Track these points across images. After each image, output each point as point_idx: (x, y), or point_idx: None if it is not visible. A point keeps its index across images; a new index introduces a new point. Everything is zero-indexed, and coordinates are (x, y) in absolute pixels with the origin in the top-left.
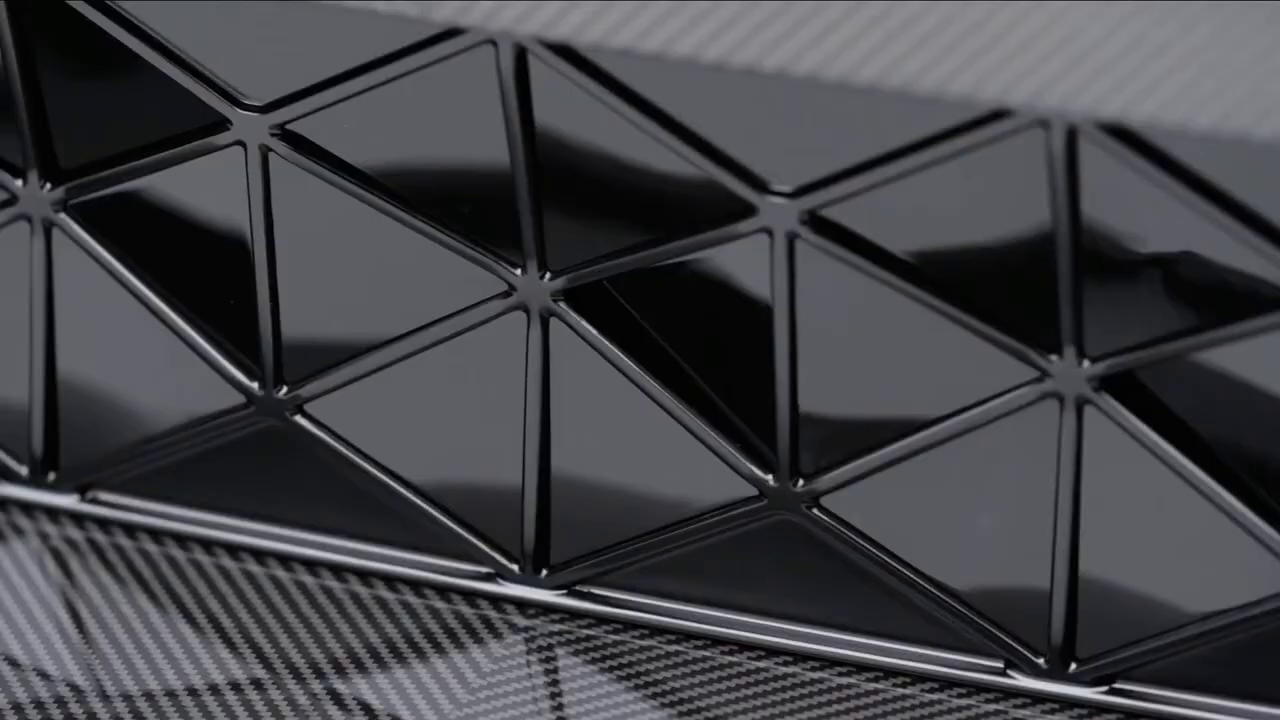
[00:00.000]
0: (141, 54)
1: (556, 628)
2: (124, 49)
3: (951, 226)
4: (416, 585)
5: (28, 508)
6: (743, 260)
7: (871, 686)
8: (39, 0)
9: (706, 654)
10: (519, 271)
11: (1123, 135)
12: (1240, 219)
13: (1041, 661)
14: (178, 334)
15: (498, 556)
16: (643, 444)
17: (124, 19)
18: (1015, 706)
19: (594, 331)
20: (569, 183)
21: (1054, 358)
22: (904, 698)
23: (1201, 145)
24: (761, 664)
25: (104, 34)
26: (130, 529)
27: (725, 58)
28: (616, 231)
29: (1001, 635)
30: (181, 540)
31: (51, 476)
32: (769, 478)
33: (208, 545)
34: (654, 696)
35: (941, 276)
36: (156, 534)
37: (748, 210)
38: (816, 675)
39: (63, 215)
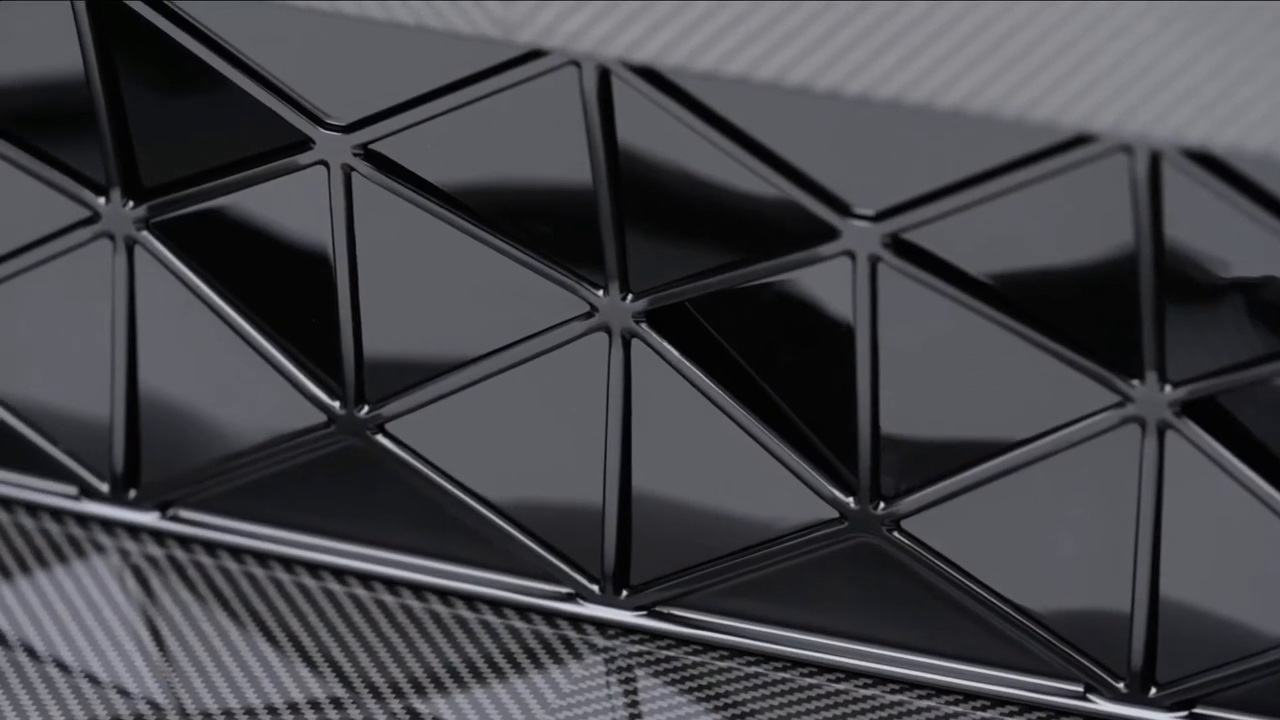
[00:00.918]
0: (225, 73)
1: (636, 649)
2: (207, 68)
3: (1033, 250)
4: (497, 605)
5: (109, 525)
6: (824, 282)
7: (951, 710)
8: (123, 18)
9: (786, 676)
10: (601, 293)
11: (1206, 161)
12: None
13: (1121, 686)
14: (259, 352)
15: (578, 577)
16: (723, 465)
17: (208, 38)
18: None
19: (675, 353)
20: (650, 203)
21: (1136, 383)
22: None
23: None
24: (841, 686)
25: (187, 52)
26: (211, 546)
27: (809, 81)
28: (697, 252)
29: (1081, 659)
30: (262, 558)
31: (133, 494)
32: (850, 500)
33: (288, 563)
34: (734, 719)
35: (1023, 300)
36: (237, 552)
37: (830, 233)
38: (896, 698)
39: (145, 233)
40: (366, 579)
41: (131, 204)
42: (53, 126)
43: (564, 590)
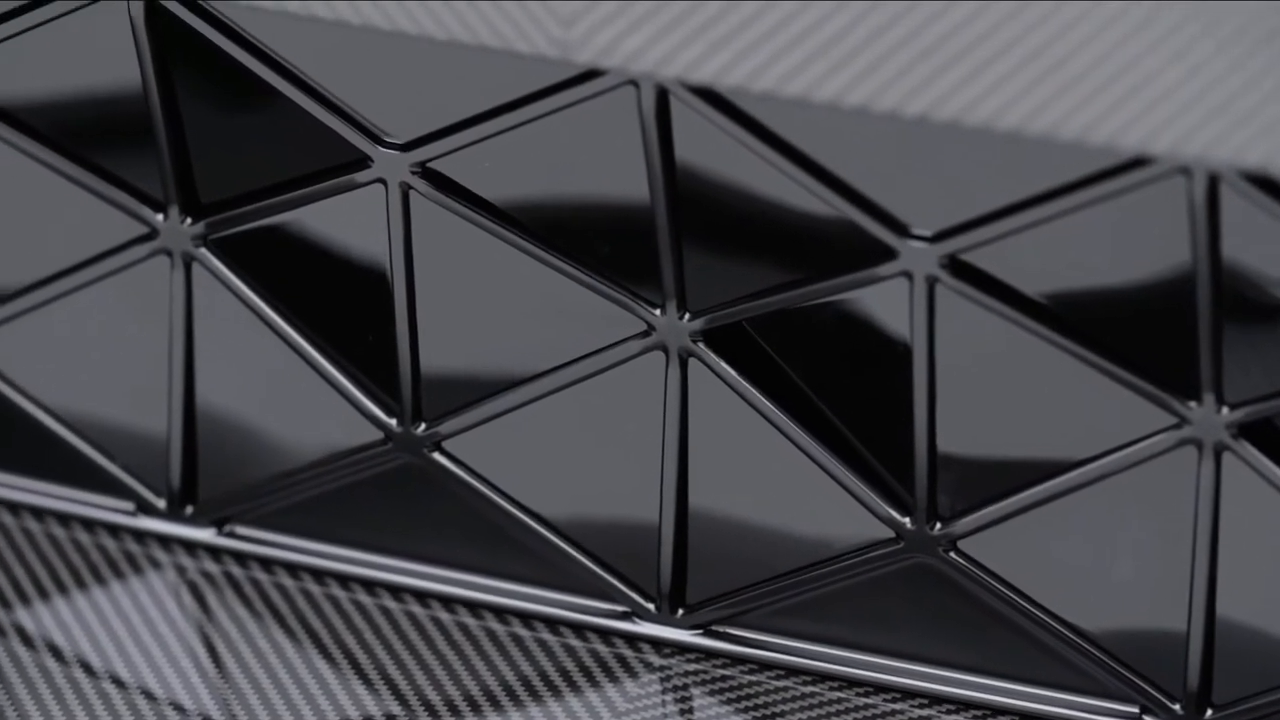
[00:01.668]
0: (284, 90)
1: (692, 667)
2: (265, 85)
3: (1090, 271)
4: (553, 623)
5: (165, 541)
6: (881, 301)
7: None
8: (182, 36)
9: (842, 696)
10: (658, 312)
11: (1264, 183)
12: None
13: (1177, 708)
14: (316, 369)
15: (634, 595)
16: (779, 484)
17: (267, 55)
18: None
19: (732, 372)
20: (707, 222)
21: (1193, 404)
22: None
23: None
24: (897, 706)
25: (245, 69)
26: (267, 563)
27: (868, 102)
28: (754, 271)
29: (1137, 680)
30: (318, 575)
31: (189, 510)
32: (906, 520)
33: (344, 580)
34: None
35: (1080, 321)
36: (293, 569)
37: (888, 253)
38: (951, 719)
39: (202, 249)
40: (422, 596)
41: (189, 220)
42: (112, 143)
43: (620, 609)
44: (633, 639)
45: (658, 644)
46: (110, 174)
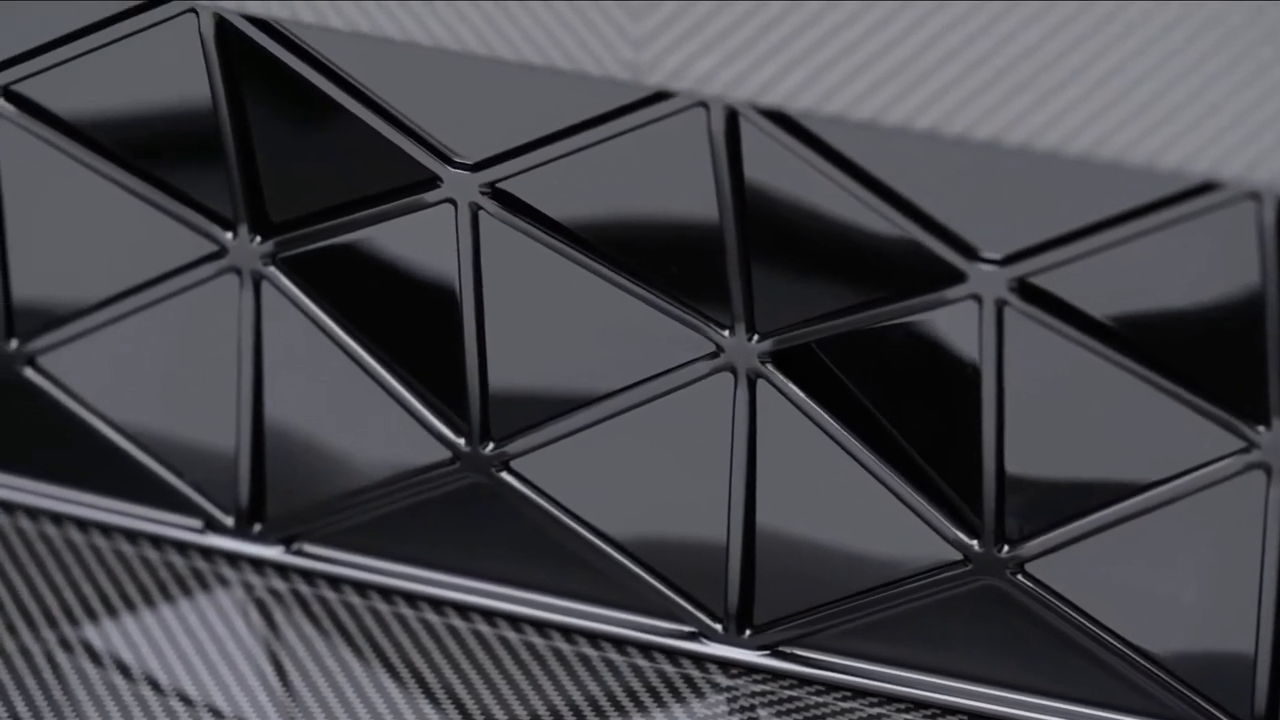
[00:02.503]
0: (353, 110)
1: (759, 688)
2: (334, 104)
3: (1159, 294)
4: (620, 642)
5: (233, 558)
6: (950, 323)
7: None
8: (252, 55)
9: (908, 717)
10: (727, 333)
11: None
12: None
13: None
14: (384, 387)
15: (701, 615)
16: (847, 505)
17: (337, 75)
18: None
19: (800, 393)
20: (776, 243)
21: (1261, 428)
22: None
23: None
24: None
25: (315, 89)
26: (335, 581)
27: (938, 126)
28: (822, 292)
29: (1204, 704)
30: (386, 593)
31: (257, 527)
32: (974, 543)
33: (412, 599)
34: None
35: (1148, 344)
36: (361, 586)
37: (957, 276)
38: None
39: (271, 268)
40: (490, 615)
41: (259, 239)
42: (181, 161)
43: (687, 629)
44: (700, 659)
45: (725, 664)
46: (180, 192)
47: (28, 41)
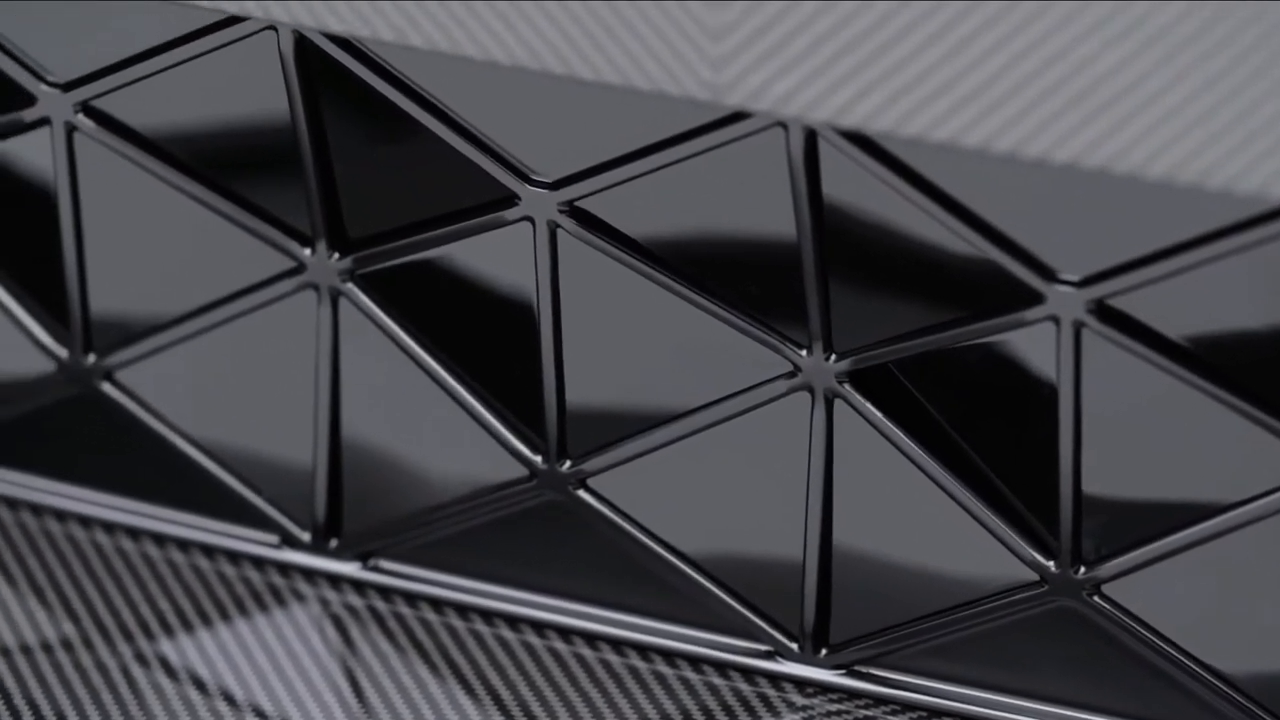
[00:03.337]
0: (432, 127)
1: (834, 707)
2: (412, 121)
3: (1235, 315)
4: (695, 661)
5: (309, 574)
6: (1027, 343)
7: None
8: (330, 73)
9: None
10: (804, 352)
11: None
12: None
13: None
14: (462, 405)
15: (777, 635)
16: (923, 525)
17: (416, 93)
18: None
19: (877, 413)
20: (854, 262)
21: None
22: None
23: None
24: None
25: (392, 106)
26: (411, 597)
27: (1017, 149)
28: (900, 312)
29: None
30: (462, 610)
31: (334, 543)
32: (1050, 564)
33: (488, 616)
34: None
35: (1225, 365)
36: (437, 603)
37: (1035, 298)
38: None
39: (349, 284)
40: (565, 632)
41: (337, 256)
42: (260, 177)
43: (763, 647)
44: (775, 678)
45: (800, 683)
46: (258, 208)
47: (107, 57)
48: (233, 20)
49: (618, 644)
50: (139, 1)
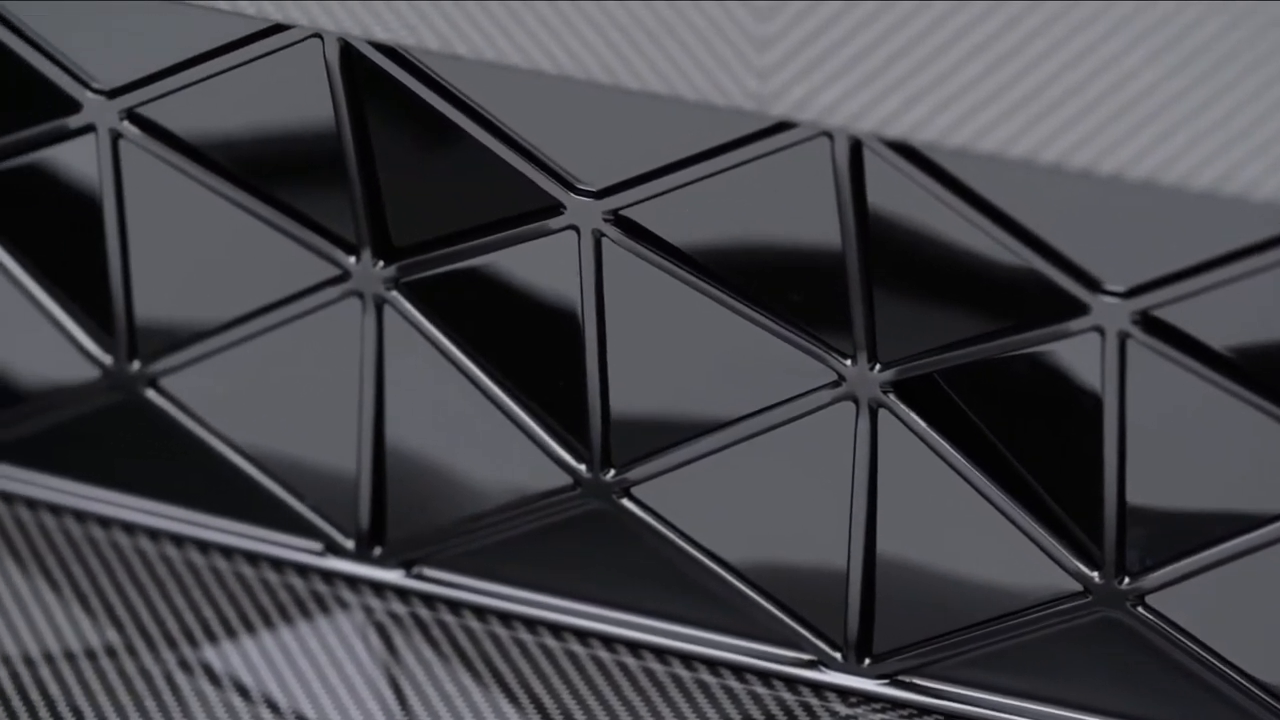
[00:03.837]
0: (477, 136)
1: (878, 717)
2: (458, 130)
3: (1278, 325)
4: (739, 670)
5: (353, 581)
6: (1072, 354)
7: None
8: (376, 82)
9: None
10: (849, 362)
11: None
12: None
13: None
14: (506, 413)
15: (821, 644)
16: (967, 535)
17: (462, 102)
18: None
19: (922, 423)
20: (899, 271)
21: None
22: None
23: None
24: None
25: (438, 115)
26: (455, 605)
27: (1062, 160)
28: (945, 322)
29: None
30: (505, 618)
31: (378, 551)
32: (1094, 575)
33: (531, 624)
34: None
35: (1270, 376)
36: (480, 611)
37: (1080, 308)
38: None
39: (394, 292)
40: (609, 641)
41: (381, 264)
42: (305, 185)
43: (806, 657)
44: (819, 687)
45: (844, 693)
46: (303, 216)
47: (152, 65)
48: (278, 28)
49: (661, 652)
50: (186, 5)
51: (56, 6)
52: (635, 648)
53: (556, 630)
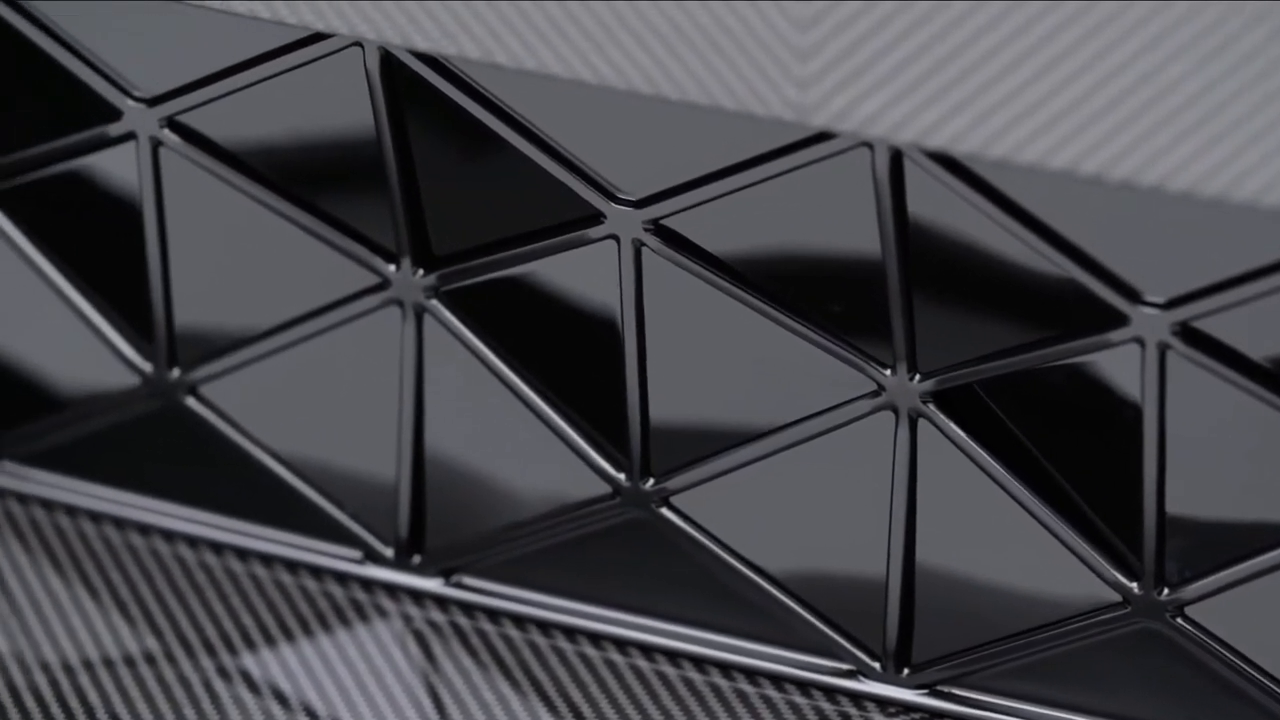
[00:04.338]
0: (518, 145)
1: None
2: (500, 139)
3: None
4: (778, 680)
5: (392, 589)
6: (1111, 365)
7: None
8: (417, 89)
9: None
10: (888, 372)
11: None
12: None
13: None
14: (545, 422)
15: (860, 653)
16: (1006, 545)
17: (502, 111)
18: None
19: (962, 434)
20: (939, 282)
21: None
22: None
23: None
24: None
25: (479, 124)
26: (493, 613)
27: (1102, 172)
28: (984, 332)
29: None
30: (544, 626)
31: (417, 559)
32: (1133, 585)
33: (570, 632)
34: None
35: None
36: (519, 620)
37: (1120, 319)
38: None
39: (434, 301)
40: (648, 650)
41: (421, 272)
42: (345, 193)
43: (845, 666)
44: (857, 697)
45: (882, 703)
46: (343, 224)
47: (192, 73)
48: (318, 36)
49: (700, 661)
50: (227, 13)
51: (98, 14)
52: (674, 657)
53: (595, 639)
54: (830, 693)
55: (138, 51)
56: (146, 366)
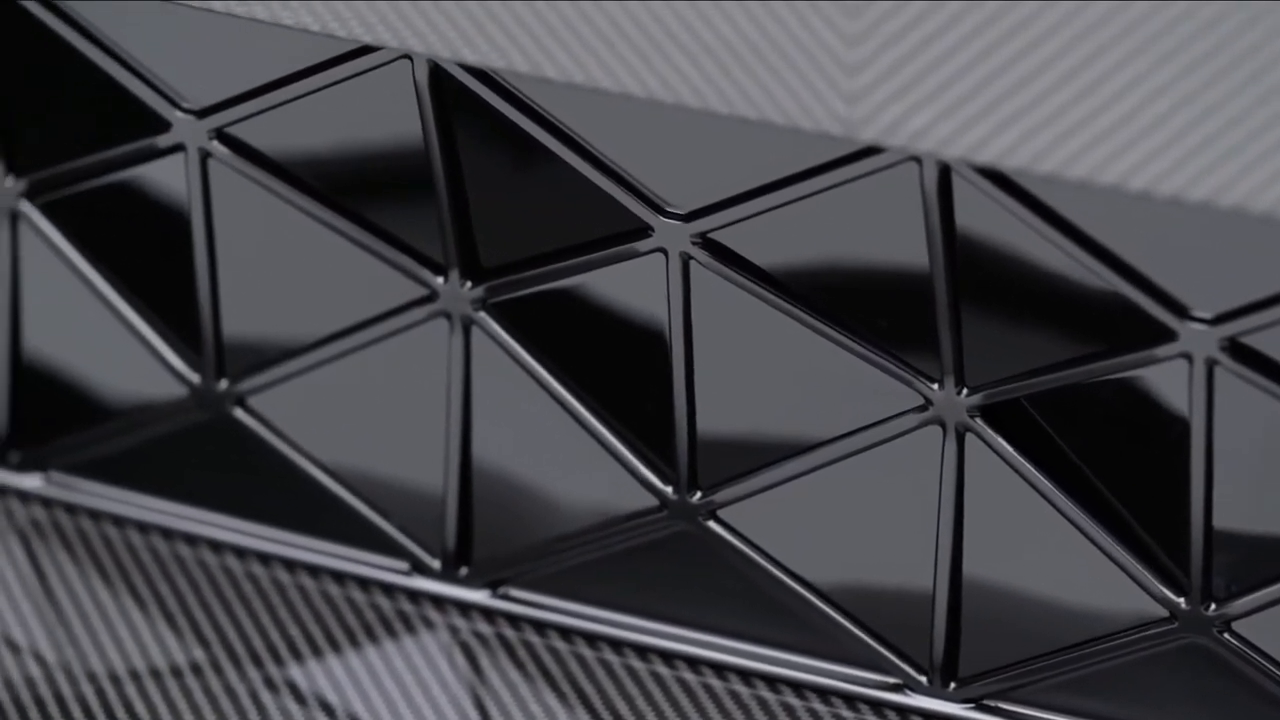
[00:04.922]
0: (566, 158)
1: None
2: (548, 152)
3: None
4: (824, 693)
5: (439, 601)
6: (1159, 379)
7: None
8: (466, 101)
9: None
10: (936, 386)
11: None
12: None
13: None
14: (593, 434)
15: (906, 667)
16: (1053, 559)
17: (551, 124)
18: None
19: (1009, 448)
20: (986, 296)
21: None
22: None
23: None
24: None
25: (527, 136)
26: (540, 626)
27: (1151, 187)
28: (1032, 346)
29: None
30: (591, 639)
31: (464, 571)
32: (1181, 600)
33: (617, 645)
34: None
35: None
36: (566, 632)
37: (1167, 334)
38: None
39: (481, 313)
40: (694, 663)
41: (469, 284)
42: (392, 205)
43: (892, 680)
44: (904, 711)
45: (929, 717)
46: (391, 235)
47: (241, 85)
48: (367, 49)
49: (746, 675)
50: (277, 26)
51: (147, 27)
52: (720, 669)
53: (641, 651)
54: (877, 706)
55: (187, 63)
56: (194, 377)
